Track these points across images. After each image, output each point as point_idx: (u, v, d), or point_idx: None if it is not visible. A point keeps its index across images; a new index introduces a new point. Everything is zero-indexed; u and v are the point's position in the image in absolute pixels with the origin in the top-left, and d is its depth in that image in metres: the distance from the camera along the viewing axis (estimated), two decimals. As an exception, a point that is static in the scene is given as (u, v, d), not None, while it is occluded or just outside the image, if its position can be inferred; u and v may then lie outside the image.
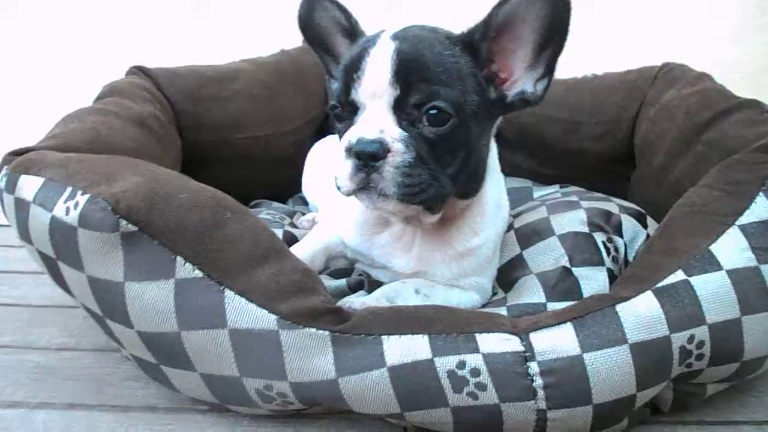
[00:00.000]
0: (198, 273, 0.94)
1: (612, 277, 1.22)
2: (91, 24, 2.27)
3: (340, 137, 1.09)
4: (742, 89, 1.49)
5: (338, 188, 1.07)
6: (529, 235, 1.30)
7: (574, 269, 1.21)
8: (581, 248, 1.24)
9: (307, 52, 1.94)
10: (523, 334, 0.96)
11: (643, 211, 1.39)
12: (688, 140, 1.43)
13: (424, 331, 0.95)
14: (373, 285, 1.23)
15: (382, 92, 1.03)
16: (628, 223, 1.31)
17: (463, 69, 1.06)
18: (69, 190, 0.98)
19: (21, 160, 1.11)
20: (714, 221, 1.10)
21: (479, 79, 1.08)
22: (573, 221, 1.29)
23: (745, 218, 1.08)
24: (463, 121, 1.04)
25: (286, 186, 1.87)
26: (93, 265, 0.95)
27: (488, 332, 0.96)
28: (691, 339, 0.98)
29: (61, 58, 2.30)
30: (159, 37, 2.20)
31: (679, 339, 0.97)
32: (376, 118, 1.03)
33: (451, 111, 1.02)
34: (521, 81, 1.10)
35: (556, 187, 1.73)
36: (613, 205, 1.37)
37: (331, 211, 1.44)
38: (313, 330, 0.93)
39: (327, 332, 0.94)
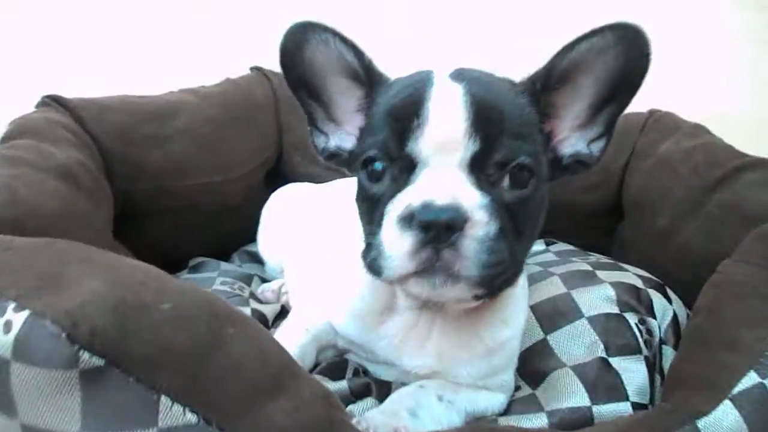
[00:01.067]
0: (191, 417, 0.67)
1: (649, 365, 1.07)
2: None
3: (376, 203, 0.85)
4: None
5: (376, 271, 0.83)
6: (552, 316, 1.13)
7: (611, 360, 1.04)
8: (615, 333, 1.08)
9: (258, 83, 1.68)
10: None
11: (661, 281, 1.26)
12: (697, 200, 1.34)
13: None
14: (380, 388, 1.01)
15: (457, 145, 0.80)
16: (657, 300, 1.17)
17: (533, 121, 0.88)
18: (-7, 299, 0.68)
19: None
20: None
21: (543, 134, 0.91)
22: (601, 299, 1.13)
23: None
24: (540, 183, 0.86)
25: (230, 240, 1.60)
26: (34, 411, 0.66)
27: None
28: None
29: None
30: (75, 58, 1.81)
31: (765, 456, 0.83)
32: (447, 177, 0.80)
33: (535, 169, 0.83)
34: (572, 140, 0.94)
35: (541, 244, 1.58)
36: (631, 275, 1.23)
37: (310, 286, 1.20)
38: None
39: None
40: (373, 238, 0.83)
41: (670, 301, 1.20)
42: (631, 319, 1.11)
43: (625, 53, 0.85)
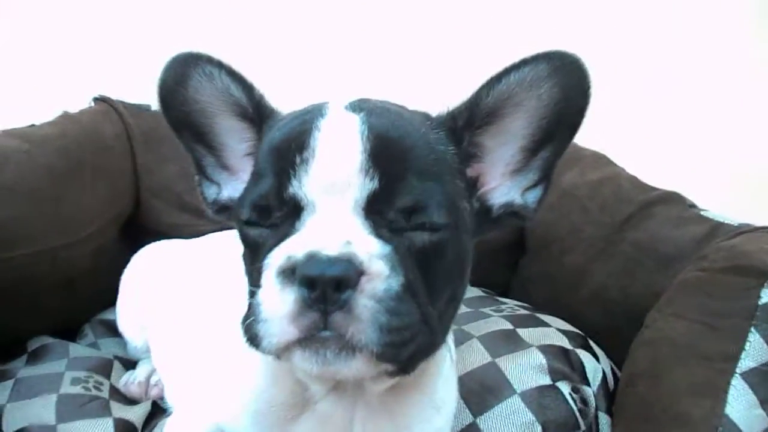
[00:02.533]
0: None
1: (585, 440, 0.97)
2: None
3: (257, 255, 0.69)
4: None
5: (254, 341, 0.66)
6: (481, 394, 1.00)
7: (550, 443, 0.93)
8: (552, 409, 0.98)
9: (105, 117, 1.40)
10: None
11: (582, 334, 1.17)
12: (609, 239, 1.28)
13: None
14: None
15: (348, 185, 0.65)
16: (588, 362, 1.07)
17: (451, 162, 0.74)
18: None
19: None
20: (713, 369, 0.93)
21: (466, 179, 0.76)
22: (531, 369, 1.02)
23: (744, 363, 0.92)
24: (458, 232, 0.71)
25: (82, 307, 1.32)
26: None
27: None
28: None
29: None
30: None
31: None
32: (338, 223, 0.65)
33: (448, 220, 0.69)
34: (502, 188, 0.80)
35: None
36: (554, 332, 1.13)
37: (189, 377, 0.98)
38: None
39: None
40: (252, 299, 0.67)
41: (597, 358, 1.11)
42: (565, 389, 1.01)
43: (561, 86, 0.72)
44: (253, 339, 0.66)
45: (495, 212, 0.79)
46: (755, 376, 0.91)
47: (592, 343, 1.16)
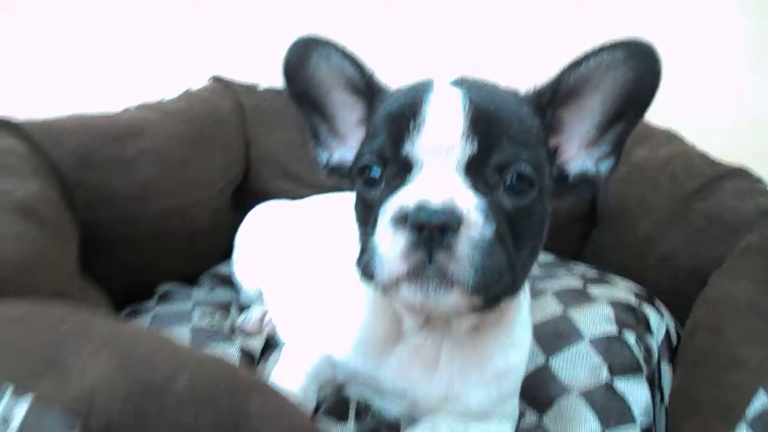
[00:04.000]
0: (219, 504, 0.61)
1: (648, 383, 1.07)
2: None
3: (372, 206, 0.82)
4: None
5: (368, 275, 0.79)
6: (553, 339, 1.11)
7: (615, 383, 1.04)
8: (616, 354, 1.08)
9: (221, 94, 1.58)
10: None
11: (649, 293, 1.27)
12: (677, 210, 1.36)
13: None
14: (390, 429, 0.96)
15: (452, 147, 0.77)
16: (653, 316, 1.17)
17: (537, 133, 0.85)
18: (-16, 385, 0.59)
19: None
20: None
21: (548, 148, 0.87)
22: (599, 319, 1.13)
23: None
24: (541, 194, 0.82)
25: (199, 261, 1.50)
26: None
27: None
28: None
29: None
30: (13, 74, 1.66)
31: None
32: (442, 179, 0.77)
33: (535, 178, 0.79)
34: (579, 159, 0.90)
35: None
36: (624, 291, 1.23)
37: (300, 315, 1.13)
38: None
39: None
40: (367, 242, 0.79)
41: (661, 315, 1.21)
42: (630, 338, 1.11)
43: (635, 70, 0.82)
44: (367, 274, 0.78)
45: (572, 179, 0.90)
46: None
47: (657, 302, 1.26)
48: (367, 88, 0.92)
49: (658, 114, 1.41)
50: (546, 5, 1.92)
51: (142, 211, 1.28)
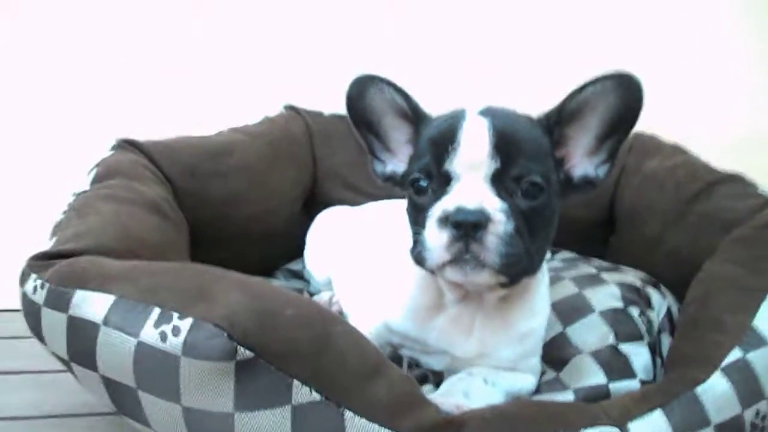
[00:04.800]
0: (316, 396, 0.87)
1: (651, 349, 1.29)
2: (52, 96, 2.04)
3: (421, 210, 1.07)
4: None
5: (420, 262, 1.06)
6: (568, 312, 1.35)
7: (620, 346, 1.26)
8: (622, 324, 1.30)
9: (293, 120, 1.89)
10: (622, 426, 0.98)
11: (655, 280, 1.48)
12: (680, 211, 1.55)
13: (535, 432, 0.95)
14: (435, 376, 1.21)
15: (481, 164, 1.03)
16: (655, 296, 1.40)
17: (546, 149, 1.10)
18: (156, 311, 0.88)
19: (67, 270, 0.98)
20: (748, 296, 1.18)
21: (555, 159, 1.12)
22: (608, 297, 1.35)
23: None
24: (550, 196, 1.07)
25: (275, 260, 1.79)
26: (195, 395, 0.85)
27: (591, 427, 0.97)
28: (757, 414, 1.04)
29: (19, 126, 2.05)
30: (124, 101, 2.02)
31: (749, 415, 1.03)
32: (475, 188, 1.03)
33: (544, 185, 1.05)
34: (583, 165, 1.15)
35: (548, 254, 1.80)
36: (631, 276, 1.45)
37: (363, 294, 1.40)
38: (440, 446, 0.90)
39: (450, 445, 0.90)
40: (418, 236, 1.06)
41: (664, 296, 1.43)
42: (634, 312, 1.33)
43: (623, 97, 1.06)
44: (420, 261, 1.06)
45: (576, 181, 1.16)
46: None
47: (662, 287, 1.48)
48: (413, 115, 1.18)
49: (669, 123, 1.67)
50: (545, 6, 2.18)
51: (232, 214, 1.59)
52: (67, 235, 1.11)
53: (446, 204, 1.02)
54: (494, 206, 1.01)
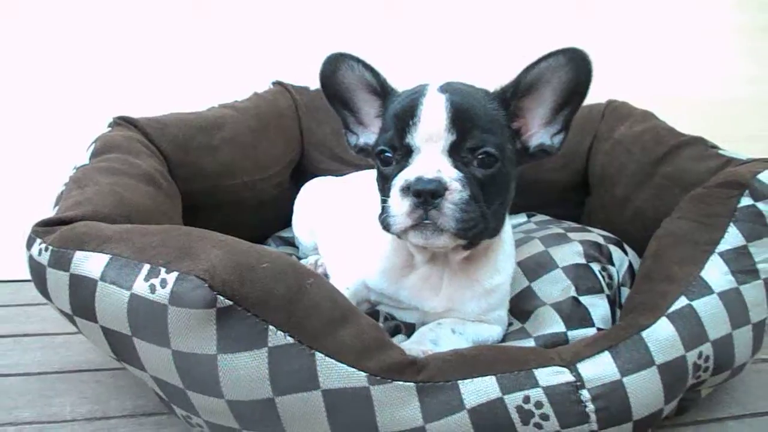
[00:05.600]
0: (289, 339, 0.97)
1: (611, 301, 1.39)
2: (52, 77, 2.16)
3: (387, 179, 1.17)
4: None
5: (386, 227, 1.15)
6: (534, 268, 1.44)
7: (581, 298, 1.36)
8: (583, 278, 1.39)
9: (281, 95, 1.98)
10: (571, 366, 1.09)
11: (618, 239, 1.58)
12: (646, 173, 1.64)
13: (491, 372, 1.05)
14: (407, 328, 1.32)
15: (439, 137, 1.12)
16: (616, 253, 1.49)
17: (500, 120, 1.18)
18: (146, 267, 0.98)
19: (66, 234, 1.09)
20: (698, 250, 1.27)
21: (511, 130, 1.21)
22: (571, 254, 1.45)
23: (722, 246, 1.26)
24: (504, 165, 1.16)
25: (267, 227, 1.90)
26: (182, 340, 0.96)
27: (543, 367, 1.08)
28: (700, 355, 1.15)
29: (26, 113, 2.17)
30: (123, 82, 2.12)
31: (692, 356, 1.13)
32: (433, 159, 1.12)
33: (498, 155, 1.14)
34: (539, 135, 1.24)
35: (523, 216, 1.90)
36: (595, 235, 1.54)
37: (346, 256, 1.50)
38: (401, 383, 1.00)
39: (412, 383, 1.01)
40: (384, 204, 1.16)
41: (626, 253, 1.53)
42: (595, 267, 1.43)
43: (574, 70, 1.14)
44: (386, 226, 1.16)
45: (532, 150, 1.25)
46: (729, 255, 1.24)
47: (625, 245, 1.56)
48: (381, 90, 1.26)
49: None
50: (544, 6, 2.26)
51: (224, 184, 1.69)
52: (68, 203, 1.21)
53: (407, 174, 1.11)
54: (451, 175, 1.10)
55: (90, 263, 1.03)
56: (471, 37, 2.29)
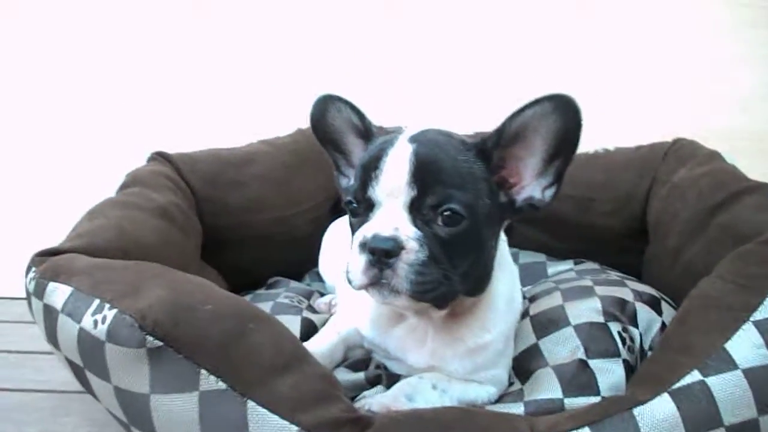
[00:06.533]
0: (221, 385, 0.95)
1: (629, 367, 1.22)
2: (106, 109, 2.35)
3: (354, 232, 1.13)
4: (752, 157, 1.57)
5: (349, 281, 1.10)
6: (545, 325, 1.31)
7: (590, 361, 1.21)
8: (597, 339, 1.24)
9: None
10: (541, 441, 0.96)
11: (657, 295, 1.40)
12: (701, 222, 1.46)
13: (443, 439, 0.96)
14: (391, 379, 1.25)
15: (399, 192, 1.06)
16: (643, 312, 1.32)
17: (476, 173, 1.10)
18: (96, 302, 1.01)
19: (49, 265, 1.15)
20: (729, 317, 1.09)
21: (491, 183, 1.12)
22: (588, 310, 1.30)
23: (759, 314, 1.08)
24: (474, 222, 1.07)
25: (303, 262, 1.91)
26: (120, 376, 0.98)
27: (507, 438, 0.97)
28: None
29: (80, 145, 2.38)
30: (176, 119, 2.27)
31: (697, 442, 0.98)
32: (392, 216, 1.06)
33: (464, 213, 1.05)
34: (530, 187, 1.14)
35: (570, 263, 1.75)
36: (627, 291, 1.38)
37: (346, 300, 1.47)
38: (335, 440, 0.95)
39: (348, 442, 0.95)
40: (349, 257, 1.10)
41: (660, 313, 1.34)
42: (614, 327, 1.26)
43: (562, 118, 1.04)
44: (349, 281, 1.10)
45: (518, 204, 1.15)
46: (766, 325, 1.05)
47: (663, 304, 1.38)
48: (366, 132, 1.23)
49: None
50: (544, 8, 2.12)
51: (253, 218, 1.73)
52: (71, 235, 1.29)
53: (366, 230, 1.06)
54: (408, 234, 1.03)
55: (57, 294, 1.08)
56: (471, 46, 2.21)
